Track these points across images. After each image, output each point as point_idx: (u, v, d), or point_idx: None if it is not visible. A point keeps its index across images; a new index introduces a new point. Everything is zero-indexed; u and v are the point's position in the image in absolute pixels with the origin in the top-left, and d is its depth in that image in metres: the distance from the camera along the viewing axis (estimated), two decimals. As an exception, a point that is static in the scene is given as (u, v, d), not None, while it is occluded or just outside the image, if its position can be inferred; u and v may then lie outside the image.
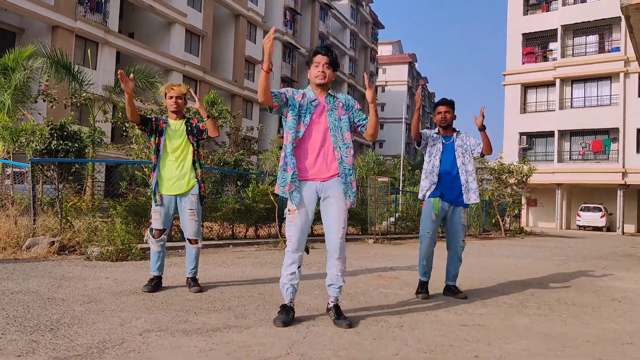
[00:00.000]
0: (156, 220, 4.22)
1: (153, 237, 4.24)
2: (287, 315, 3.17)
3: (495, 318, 3.60)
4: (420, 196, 4.49)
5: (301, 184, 3.25)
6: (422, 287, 4.35)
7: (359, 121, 3.37)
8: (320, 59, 3.28)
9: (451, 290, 4.45)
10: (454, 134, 4.50)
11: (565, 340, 3.06)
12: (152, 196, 4.26)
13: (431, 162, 4.44)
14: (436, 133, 4.53)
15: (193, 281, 4.25)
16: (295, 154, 3.25)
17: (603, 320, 3.68)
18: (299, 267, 3.27)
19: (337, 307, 3.29)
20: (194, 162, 4.24)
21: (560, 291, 4.95)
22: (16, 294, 3.74)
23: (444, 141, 4.46)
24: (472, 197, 4.37)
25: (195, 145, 4.29)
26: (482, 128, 4.35)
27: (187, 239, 4.29)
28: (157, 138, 4.23)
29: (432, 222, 4.35)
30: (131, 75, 3.99)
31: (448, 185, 4.36)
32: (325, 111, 3.29)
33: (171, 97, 4.23)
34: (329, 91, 3.34)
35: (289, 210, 3.27)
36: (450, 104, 4.48)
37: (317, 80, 3.28)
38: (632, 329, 3.43)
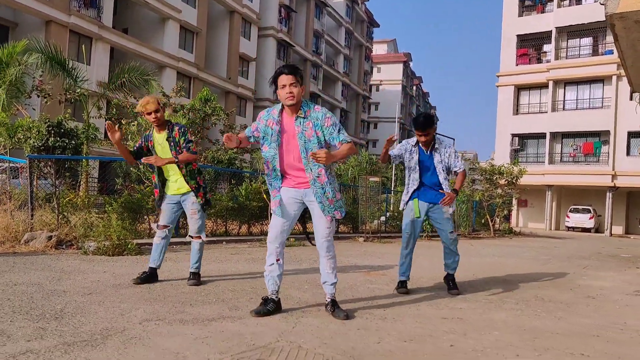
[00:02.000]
0: (161, 217, 4.52)
1: (158, 228, 4.52)
2: (264, 306, 3.37)
3: (474, 312, 3.82)
4: (401, 207, 4.68)
5: (285, 190, 3.48)
6: (402, 284, 4.57)
7: (329, 139, 3.36)
8: (286, 80, 3.26)
9: (447, 282, 4.65)
10: (434, 148, 4.56)
11: (536, 333, 3.28)
12: (158, 202, 4.55)
13: (411, 175, 4.61)
14: (414, 145, 4.58)
15: (194, 275, 4.44)
16: (279, 167, 3.45)
17: (575, 315, 3.91)
18: (277, 259, 3.44)
19: (333, 301, 3.48)
20: (186, 175, 4.34)
21: (539, 289, 5.18)
22: (19, 286, 3.91)
23: (420, 155, 4.55)
24: (450, 210, 4.56)
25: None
26: (455, 192, 4.49)
27: (190, 235, 4.55)
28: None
29: (411, 223, 4.55)
30: (116, 127, 4.09)
31: (430, 188, 4.54)
32: (295, 135, 3.35)
33: (149, 113, 4.24)
34: (300, 112, 3.33)
35: (272, 204, 3.50)
36: (428, 124, 4.44)
37: (288, 102, 3.29)
38: (601, 323, 3.66)
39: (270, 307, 3.39)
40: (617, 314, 4.02)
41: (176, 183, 4.42)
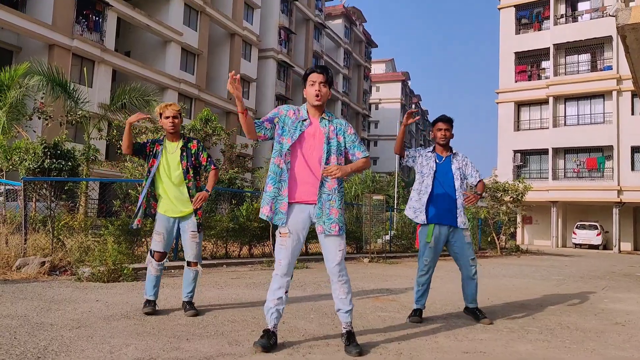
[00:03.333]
0: (157, 242, 4.09)
1: (153, 258, 4.10)
2: (268, 341, 3.06)
3: (497, 344, 3.51)
4: (411, 215, 4.34)
5: (291, 206, 3.17)
6: (416, 312, 4.24)
7: (349, 147, 3.28)
8: (316, 77, 3.22)
9: (473, 313, 4.32)
10: (451, 155, 4.42)
11: (569, 367, 2.97)
12: (133, 219, 4.14)
13: (424, 182, 4.32)
14: (430, 152, 4.41)
15: (189, 305, 4.12)
16: (290, 172, 3.17)
17: (608, 346, 3.59)
18: (286, 292, 3.16)
19: (350, 333, 3.16)
20: (191, 189, 4.10)
21: (561, 314, 4.86)
22: (3, 319, 3.62)
23: (437, 161, 4.35)
24: (465, 221, 4.29)
25: (192, 172, 4.13)
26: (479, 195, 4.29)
27: (187, 261, 4.16)
28: (151, 160, 4.12)
29: (429, 250, 4.24)
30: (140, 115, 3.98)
31: (444, 207, 4.24)
32: (318, 134, 3.21)
33: (167, 117, 4.08)
34: (324, 115, 3.27)
35: (279, 233, 3.18)
36: (450, 121, 4.40)
37: (314, 101, 3.21)
38: (638, 356, 3.34)
39: (272, 341, 3.09)
40: (651, 343, 3.71)
41: (180, 202, 4.06)
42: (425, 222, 4.24)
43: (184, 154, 4.12)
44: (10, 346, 2.93)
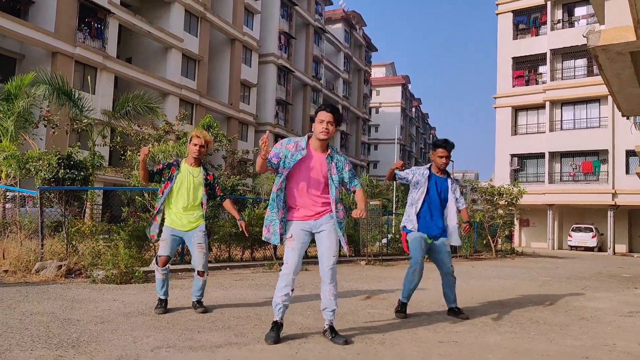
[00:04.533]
0: (162, 247, 4.54)
1: (157, 264, 4.54)
2: (277, 334, 3.53)
3: (470, 335, 3.99)
4: (408, 225, 4.76)
5: (295, 223, 3.66)
6: (402, 307, 4.73)
7: (349, 181, 3.76)
8: (325, 117, 3.59)
9: (454, 312, 4.80)
10: (446, 176, 4.83)
11: (528, 355, 3.45)
12: (147, 233, 4.62)
13: (420, 190, 4.72)
14: (428, 169, 4.80)
15: (198, 303, 4.59)
16: (287, 197, 3.67)
17: (567, 337, 4.07)
18: (292, 289, 3.63)
19: (331, 327, 3.66)
20: (202, 208, 4.54)
21: (535, 311, 5.34)
22: (35, 315, 4.10)
23: (436, 180, 4.77)
24: (457, 239, 4.77)
25: (206, 197, 4.57)
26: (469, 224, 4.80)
27: (197, 270, 4.59)
28: (165, 183, 4.51)
29: (422, 251, 4.70)
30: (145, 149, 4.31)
31: (434, 221, 4.69)
32: (318, 166, 3.64)
33: (195, 145, 4.48)
34: (330, 151, 3.67)
35: (286, 239, 3.67)
36: (452, 148, 4.78)
37: (321, 136, 3.60)
38: (591, 344, 3.82)
39: (280, 333, 3.57)
40: (607, 336, 4.18)
41: (191, 219, 4.49)
42: (417, 230, 4.70)
43: (206, 181, 4.59)
44: (47, 337, 3.41)
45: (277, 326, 3.58)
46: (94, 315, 4.22)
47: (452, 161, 33.47)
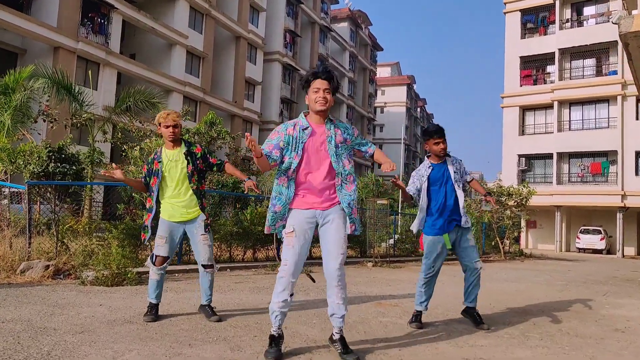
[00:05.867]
0: (160, 247, 4.08)
1: (154, 264, 4.09)
2: (279, 349, 3.06)
3: (497, 350, 3.52)
4: (421, 227, 4.36)
5: (297, 212, 3.16)
6: (417, 317, 4.27)
7: (360, 147, 3.38)
8: (321, 84, 3.14)
9: (472, 316, 4.33)
10: (447, 161, 4.41)
11: (569, 375, 2.99)
12: (143, 231, 4.20)
13: (431, 189, 4.32)
14: (429, 166, 4.39)
15: (210, 310, 4.14)
16: (296, 183, 3.17)
17: (606, 352, 3.60)
18: (291, 294, 3.14)
19: (342, 339, 3.14)
20: (195, 192, 4.13)
21: (561, 320, 4.86)
22: (7, 323, 3.66)
23: (434, 169, 4.36)
24: (468, 220, 4.35)
25: (196, 175, 4.15)
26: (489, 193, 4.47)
27: (202, 265, 4.14)
28: (152, 179, 4.14)
29: (439, 257, 4.27)
30: (114, 165, 4.01)
31: (449, 214, 4.26)
32: (325, 139, 3.18)
33: (167, 127, 4.09)
34: (329, 117, 3.25)
35: (284, 233, 3.15)
36: (444, 131, 4.36)
37: (318, 106, 3.14)
38: (637, 363, 3.36)
39: (281, 346, 3.11)
40: (651, 351, 3.71)
41: (185, 207, 4.07)
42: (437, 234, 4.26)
43: (189, 158, 4.13)
44: (14, 351, 2.97)
45: (275, 340, 3.09)
46: (74, 323, 3.78)
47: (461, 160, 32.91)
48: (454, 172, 4.37)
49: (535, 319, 4.84)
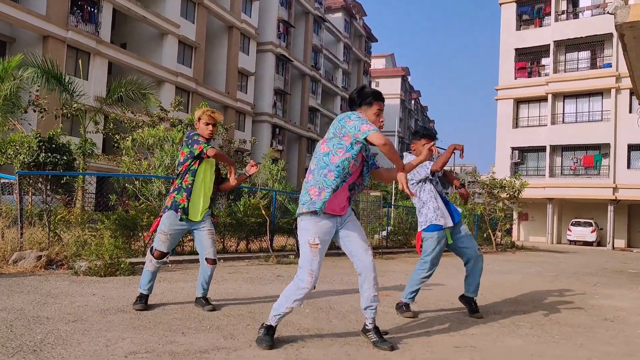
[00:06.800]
0: (162, 242, 4.03)
1: (153, 256, 4.06)
2: (272, 338, 3.08)
3: (487, 339, 3.56)
4: (428, 226, 4.27)
5: (324, 219, 3.11)
6: (408, 306, 4.32)
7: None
8: (382, 107, 3.25)
9: (469, 304, 4.37)
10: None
11: (558, 363, 3.03)
12: (182, 213, 4.00)
13: (428, 186, 4.35)
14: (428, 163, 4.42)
15: (205, 300, 4.15)
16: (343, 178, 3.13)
17: (596, 341, 3.65)
18: (301, 303, 3.16)
19: (376, 328, 3.18)
20: (214, 194, 4.20)
21: (552, 310, 4.92)
22: (0, 312, 3.65)
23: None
24: (459, 211, 4.38)
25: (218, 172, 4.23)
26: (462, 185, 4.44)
27: (207, 258, 4.11)
28: (195, 160, 4.04)
29: (441, 251, 4.28)
30: (252, 161, 4.13)
31: (446, 209, 4.31)
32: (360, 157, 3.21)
33: (207, 124, 4.09)
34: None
35: (310, 244, 3.06)
36: (434, 136, 4.43)
37: (379, 126, 3.19)
38: (627, 351, 3.41)
39: (274, 335, 3.14)
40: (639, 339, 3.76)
41: (206, 206, 4.11)
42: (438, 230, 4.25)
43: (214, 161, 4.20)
44: (7, 339, 2.96)
45: (272, 330, 3.11)
46: (67, 312, 3.77)
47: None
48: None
49: (526, 309, 4.89)
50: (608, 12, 5.57)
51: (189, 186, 4.02)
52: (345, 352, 3.03)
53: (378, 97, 3.24)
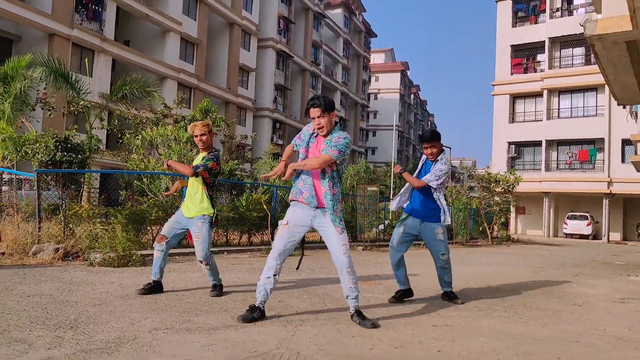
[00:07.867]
0: (165, 226, 4.71)
1: (157, 239, 4.68)
2: (251, 313, 3.62)
3: (463, 320, 4.04)
4: (394, 207, 4.96)
5: (295, 203, 3.78)
6: (397, 292, 4.79)
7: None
8: (313, 113, 3.66)
9: (448, 296, 4.86)
10: (435, 160, 4.82)
11: (520, 339, 3.50)
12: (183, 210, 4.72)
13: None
14: (425, 159, 4.94)
15: (213, 287, 4.66)
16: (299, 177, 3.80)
17: (559, 322, 4.13)
18: (274, 274, 3.70)
19: (358, 312, 3.71)
20: (203, 195, 4.57)
21: (529, 297, 5.40)
22: (33, 297, 4.13)
23: (426, 163, 4.90)
24: (447, 218, 4.79)
25: (202, 180, 4.57)
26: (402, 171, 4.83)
27: (198, 260, 4.64)
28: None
29: (398, 235, 4.80)
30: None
31: (419, 201, 4.78)
32: (321, 148, 3.72)
33: (196, 136, 4.65)
34: (327, 137, 3.71)
35: (281, 224, 3.78)
36: (434, 138, 4.79)
37: (320, 133, 3.73)
38: (582, 329, 3.88)
39: (256, 314, 3.63)
40: (599, 321, 4.24)
41: (194, 204, 4.56)
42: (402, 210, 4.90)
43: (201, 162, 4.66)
44: (45, 319, 3.44)
45: (251, 308, 3.66)
46: (92, 297, 4.26)
47: (450, 148, 33.51)
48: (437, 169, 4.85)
49: (504, 296, 5.37)
50: (580, 24, 6.00)
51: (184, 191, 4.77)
52: (337, 330, 3.51)
53: (307, 108, 3.72)
